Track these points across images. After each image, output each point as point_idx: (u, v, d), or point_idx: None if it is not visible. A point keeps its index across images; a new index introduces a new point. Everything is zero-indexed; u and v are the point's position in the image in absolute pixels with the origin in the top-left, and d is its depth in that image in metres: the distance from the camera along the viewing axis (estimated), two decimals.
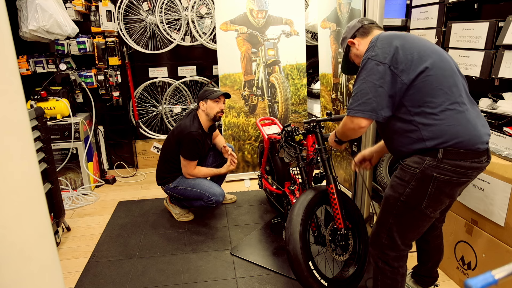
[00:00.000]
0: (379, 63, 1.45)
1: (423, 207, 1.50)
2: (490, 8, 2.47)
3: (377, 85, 1.45)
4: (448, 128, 1.42)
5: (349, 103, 1.53)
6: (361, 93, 1.48)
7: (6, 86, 0.67)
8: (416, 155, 1.50)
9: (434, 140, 1.44)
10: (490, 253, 1.92)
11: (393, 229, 1.58)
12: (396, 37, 1.50)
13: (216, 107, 2.81)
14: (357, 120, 1.50)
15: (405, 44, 1.47)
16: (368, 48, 1.54)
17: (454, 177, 1.45)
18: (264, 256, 2.49)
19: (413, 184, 1.49)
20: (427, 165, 1.46)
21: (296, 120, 3.91)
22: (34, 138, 2.43)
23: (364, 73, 1.49)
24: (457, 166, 1.43)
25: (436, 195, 1.48)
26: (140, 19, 3.86)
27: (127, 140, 4.10)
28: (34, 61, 3.52)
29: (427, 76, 1.44)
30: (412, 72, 1.45)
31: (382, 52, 1.46)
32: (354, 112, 1.50)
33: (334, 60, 3.28)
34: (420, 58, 1.46)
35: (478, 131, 1.45)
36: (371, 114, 1.47)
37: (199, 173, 2.86)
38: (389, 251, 1.62)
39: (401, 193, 1.53)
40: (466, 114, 1.45)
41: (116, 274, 2.34)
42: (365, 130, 1.53)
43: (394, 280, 1.65)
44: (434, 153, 1.44)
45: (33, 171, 0.74)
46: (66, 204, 3.30)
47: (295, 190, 2.58)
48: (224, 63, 3.64)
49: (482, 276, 0.75)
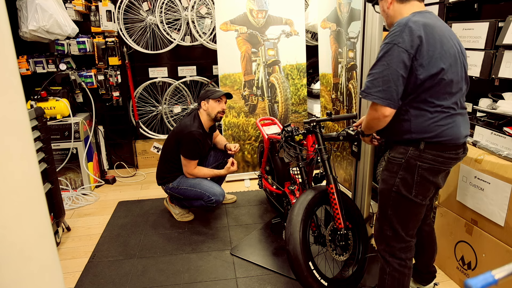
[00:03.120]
0: (405, 51, 1.44)
1: (413, 195, 1.59)
2: (490, 8, 2.47)
3: (399, 74, 1.45)
4: (435, 127, 1.52)
5: (365, 86, 1.51)
6: (383, 80, 1.46)
7: (6, 86, 0.67)
8: (401, 145, 1.61)
9: (420, 134, 1.54)
10: (490, 253, 1.91)
11: (394, 220, 1.66)
12: (425, 26, 1.46)
13: (217, 107, 2.82)
14: (381, 109, 1.49)
15: (429, 39, 1.46)
16: (395, 30, 1.47)
17: (435, 165, 1.56)
18: (264, 256, 2.49)
19: (401, 174, 1.60)
20: (410, 155, 1.57)
21: (296, 120, 3.91)
22: (34, 138, 2.43)
23: (388, 58, 1.46)
24: (438, 156, 1.55)
25: (422, 182, 1.58)
26: (140, 19, 3.86)
27: (127, 140, 4.10)
28: (34, 61, 3.52)
29: (439, 80, 1.47)
30: (430, 70, 1.46)
31: (410, 41, 1.44)
32: (373, 98, 1.48)
33: (334, 60, 3.28)
34: (440, 57, 1.47)
35: (460, 134, 1.56)
36: (390, 103, 1.47)
37: (199, 172, 2.86)
38: (394, 243, 1.68)
39: (392, 184, 1.63)
40: (455, 118, 1.54)
41: (116, 274, 2.34)
42: (389, 119, 1.52)
43: (401, 273, 1.69)
44: (416, 144, 1.55)
45: (33, 171, 0.74)
46: (66, 204, 3.30)
47: (295, 190, 2.58)
48: (224, 63, 3.64)
49: (482, 276, 0.75)
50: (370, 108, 1.56)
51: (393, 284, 1.70)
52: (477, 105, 2.20)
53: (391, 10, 1.63)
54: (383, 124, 1.55)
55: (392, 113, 1.50)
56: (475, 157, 1.97)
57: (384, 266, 1.73)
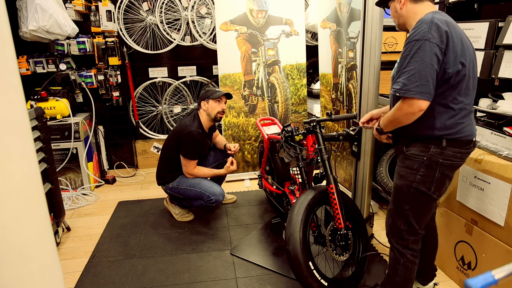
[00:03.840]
0: (437, 45, 1.45)
1: (432, 191, 1.63)
2: (490, 8, 2.47)
3: (434, 68, 1.46)
4: (458, 124, 1.56)
5: (402, 84, 1.49)
6: (419, 75, 1.46)
7: (6, 86, 0.67)
8: (419, 142, 1.62)
9: (443, 131, 1.56)
10: (490, 253, 1.91)
11: (410, 215, 1.70)
12: (448, 23, 1.49)
13: (217, 107, 2.82)
14: (418, 103, 1.48)
15: (453, 36, 1.48)
16: (421, 27, 1.48)
17: (455, 161, 1.61)
18: (264, 256, 2.48)
19: (422, 171, 1.62)
20: (433, 153, 1.59)
21: (296, 120, 3.91)
22: (34, 138, 2.43)
23: (421, 54, 1.45)
24: (457, 152, 1.60)
25: (442, 179, 1.62)
26: (140, 19, 3.86)
27: (127, 140, 4.10)
28: (34, 61, 3.52)
29: (463, 76, 1.51)
30: (456, 65, 1.48)
31: (439, 36, 1.45)
32: (412, 94, 1.47)
33: (334, 60, 3.28)
34: (462, 53, 1.49)
35: (474, 130, 1.63)
36: (429, 97, 1.48)
37: (199, 172, 2.86)
38: (408, 236, 1.73)
39: (412, 180, 1.64)
40: (471, 115, 1.61)
41: (116, 274, 2.34)
42: (422, 113, 1.51)
43: (413, 263, 1.77)
44: (438, 141, 1.58)
45: (33, 171, 0.74)
46: (66, 204, 3.30)
47: (295, 190, 2.58)
48: (224, 63, 3.64)
49: (482, 276, 0.75)
50: (402, 103, 1.52)
51: (406, 273, 1.77)
52: (477, 105, 2.20)
53: (404, 10, 1.65)
54: (414, 118, 1.54)
55: (427, 106, 1.50)
56: (475, 157, 1.97)
57: (398, 257, 1.77)
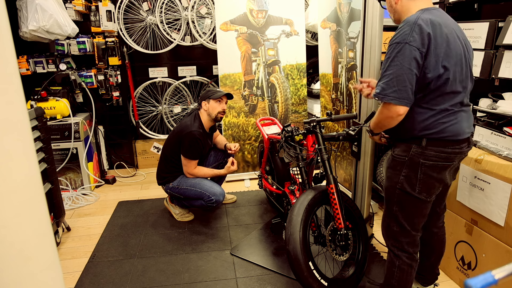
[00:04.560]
0: (417, 49, 1.43)
1: (417, 192, 1.61)
2: (490, 8, 2.47)
3: (413, 72, 1.45)
4: (437, 124, 1.53)
5: (381, 88, 1.50)
6: (397, 80, 1.45)
7: (6, 86, 0.67)
8: (403, 143, 1.63)
9: (422, 131, 1.55)
10: (490, 253, 1.91)
11: (399, 216, 1.69)
12: (433, 24, 1.46)
13: (218, 107, 2.82)
14: (395, 108, 1.48)
15: (437, 38, 1.45)
16: (404, 29, 1.47)
17: (438, 161, 1.57)
18: (264, 256, 2.48)
19: (404, 171, 1.62)
20: (413, 153, 1.58)
21: (296, 120, 3.91)
22: (34, 138, 2.43)
23: (401, 58, 1.45)
24: (440, 152, 1.55)
25: (426, 179, 1.59)
26: (140, 19, 3.85)
27: (127, 140, 4.10)
28: (34, 61, 3.52)
29: (445, 80, 1.47)
30: (437, 69, 1.46)
31: (420, 39, 1.43)
32: (389, 99, 1.47)
33: (334, 60, 3.28)
34: (446, 56, 1.46)
35: (462, 130, 1.56)
36: (407, 102, 1.47)
37: (199, 172, 2.87)
38: (402, 237, 1.72)
39: (396, 181, 1.65)
40: (457, 115, 1.55)
41: (116, 274, 2.34)
42: (402, 117, 1.52)
43: (409, 266, 1.75)
44: (418, 141, 1.56)
45: (33, 171, 0.74)
46: (66, 204, 3.30)
47: (295, 190, 2.58)
48: (224, 63, 3.64)
49: (482, 276, 0.75)
50: (382, 107, 1.54)
51: (402, 276, 1.76)
52: (477, 105, 2.20)
53: (399, 5, 1.63)
54: (395, 122, 1.54)
55: (406, 111, 1.50)
56: (475, 157, 1.97)
57: (393, 259, 1.77)
